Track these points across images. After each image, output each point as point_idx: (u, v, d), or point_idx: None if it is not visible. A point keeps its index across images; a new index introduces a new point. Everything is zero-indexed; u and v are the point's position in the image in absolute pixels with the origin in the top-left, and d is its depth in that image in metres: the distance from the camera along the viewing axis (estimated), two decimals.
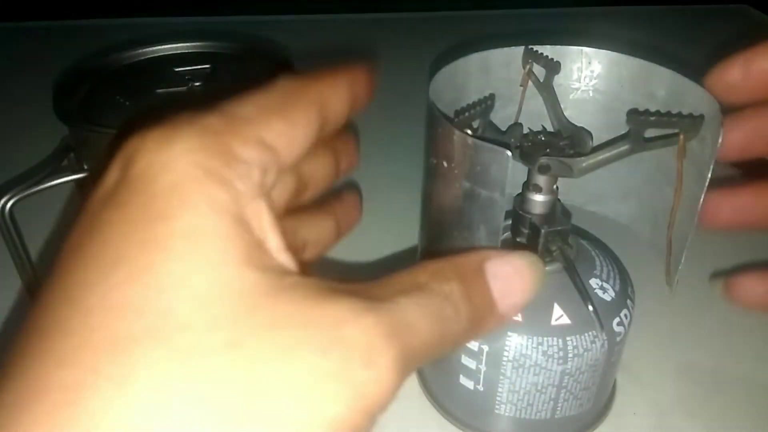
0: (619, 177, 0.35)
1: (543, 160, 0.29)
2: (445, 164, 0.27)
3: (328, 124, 0.22)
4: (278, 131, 0.20)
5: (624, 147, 0.28)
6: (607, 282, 0.32)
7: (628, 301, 0.32)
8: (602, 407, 0.36)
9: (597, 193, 0.36)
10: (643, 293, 0.35)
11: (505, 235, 0.33)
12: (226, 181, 0.18)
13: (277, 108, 0.20)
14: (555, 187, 0.31)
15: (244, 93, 0.21)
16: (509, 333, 0.30)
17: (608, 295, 0.31)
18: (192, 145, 0.18)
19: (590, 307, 0.28)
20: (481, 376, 0.31)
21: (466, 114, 0.29)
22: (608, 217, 0.36)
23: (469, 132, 0.30)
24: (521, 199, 0.31)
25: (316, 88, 0.22)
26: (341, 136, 0.26)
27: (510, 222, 0.33)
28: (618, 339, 0.31)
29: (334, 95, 0.22)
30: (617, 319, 0.31)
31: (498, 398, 0.32)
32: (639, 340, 0.36)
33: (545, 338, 0.30)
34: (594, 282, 0.32)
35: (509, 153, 0.24)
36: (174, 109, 0.19)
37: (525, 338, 0.30)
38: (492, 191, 0.26)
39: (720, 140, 0.26)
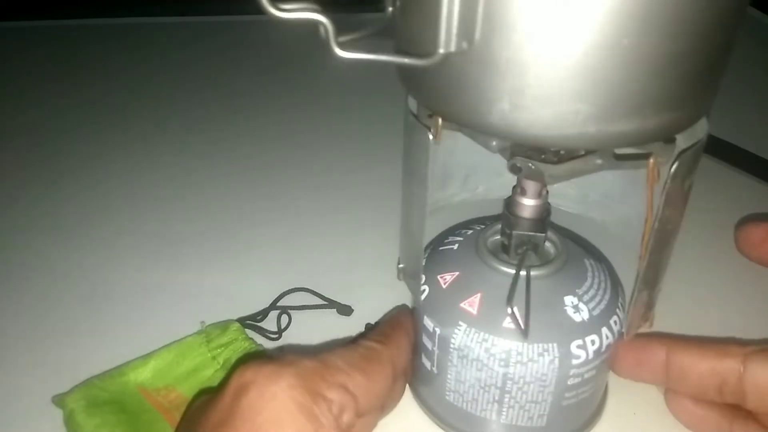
0: (622, 183, 0.33)
1: (515, 160, 0.29)
2: (407, 157, 0.29)
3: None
4: (358, 382, 0.28)
5: (596, 161, 0.27)
6: (586, 304, 0.31)
7: (604, 329, 0.31)
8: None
9: (596, 198, 0.34)
10: None
11: (495, 237, 0.34)
12: (313, 416, 0.25)
13: (360, 365, 0.29)
14: (545, 192, 0.31)
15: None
16: (460, 322, 0.31)
17: (579, 317, 0.30)
18: (292, 383, 0.26)
19: (509, 310, 0.28)
20: (435, 358, 0.33)
21: None
22: (604, 222, 0.35)
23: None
24: (509, 200, 0.32)
25: (389, 352, 0.31)
26: None
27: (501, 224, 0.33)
28: (574, 362, 0.30)
29: (403, 355, 0.32)
30: (578, 342, 0.30)
31: (447, 384, 0.33)
32: None
33: (491, 336, 0.30)
34: (569, 299, 0.31)
35: (431, 135, 0.25)
36: None
37: (472, 330, 0.30)
38: (416, 175, 0.27)
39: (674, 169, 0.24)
